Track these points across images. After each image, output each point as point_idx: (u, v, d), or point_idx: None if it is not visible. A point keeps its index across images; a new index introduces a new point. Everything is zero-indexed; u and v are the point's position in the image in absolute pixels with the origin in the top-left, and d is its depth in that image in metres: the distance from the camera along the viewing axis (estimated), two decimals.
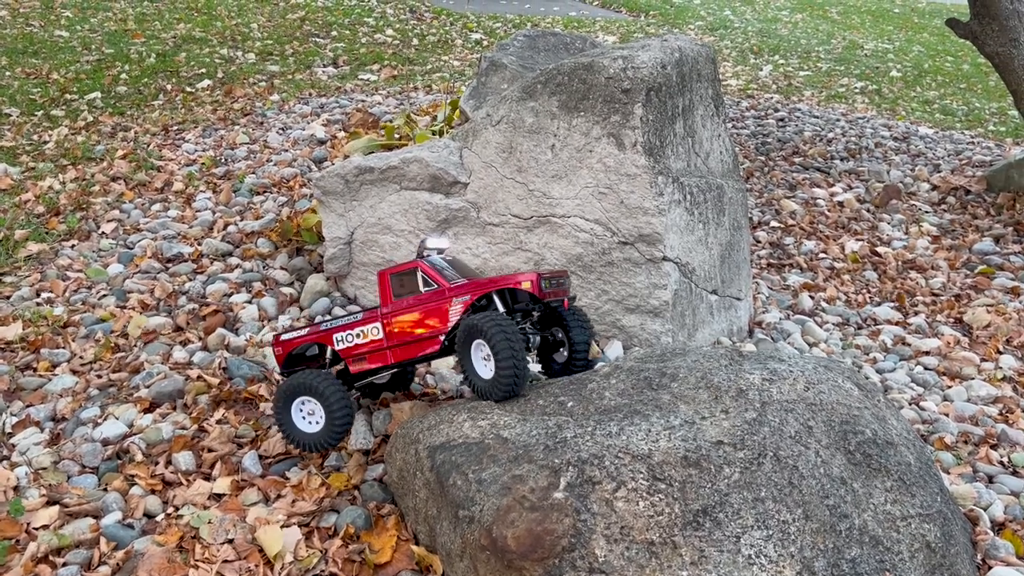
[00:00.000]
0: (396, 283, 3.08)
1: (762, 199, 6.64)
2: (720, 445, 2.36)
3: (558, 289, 3.02)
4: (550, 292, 2.94)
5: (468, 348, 2.85)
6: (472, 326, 2.79)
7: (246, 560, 2.81)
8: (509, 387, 2.80)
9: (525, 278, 2.85)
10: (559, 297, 3.03)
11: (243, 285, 4.45)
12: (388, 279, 3.10)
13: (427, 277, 3.02)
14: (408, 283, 3.06)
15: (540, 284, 2.87)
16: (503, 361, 2.74)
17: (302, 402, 3.10)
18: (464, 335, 2.84)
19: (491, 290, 2.90)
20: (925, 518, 2.32)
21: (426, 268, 3.03)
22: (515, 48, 6.10)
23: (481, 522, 2.39)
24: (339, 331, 3.14)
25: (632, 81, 3.82)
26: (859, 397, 2.63)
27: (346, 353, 3.14)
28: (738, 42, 12.79)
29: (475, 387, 2.90)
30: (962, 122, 9.53)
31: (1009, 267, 5.75)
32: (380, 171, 4.21)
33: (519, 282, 2.86)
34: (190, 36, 9.55)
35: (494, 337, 2.73)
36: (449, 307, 2.94)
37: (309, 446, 3.11)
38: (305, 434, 3.11)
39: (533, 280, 2.85)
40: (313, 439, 3.10)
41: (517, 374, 2.76)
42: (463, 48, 10.32)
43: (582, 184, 3.93)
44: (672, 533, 2.19)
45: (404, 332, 3.03)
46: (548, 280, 2.93)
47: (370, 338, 3.09)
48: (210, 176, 5.78)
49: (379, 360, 3.11)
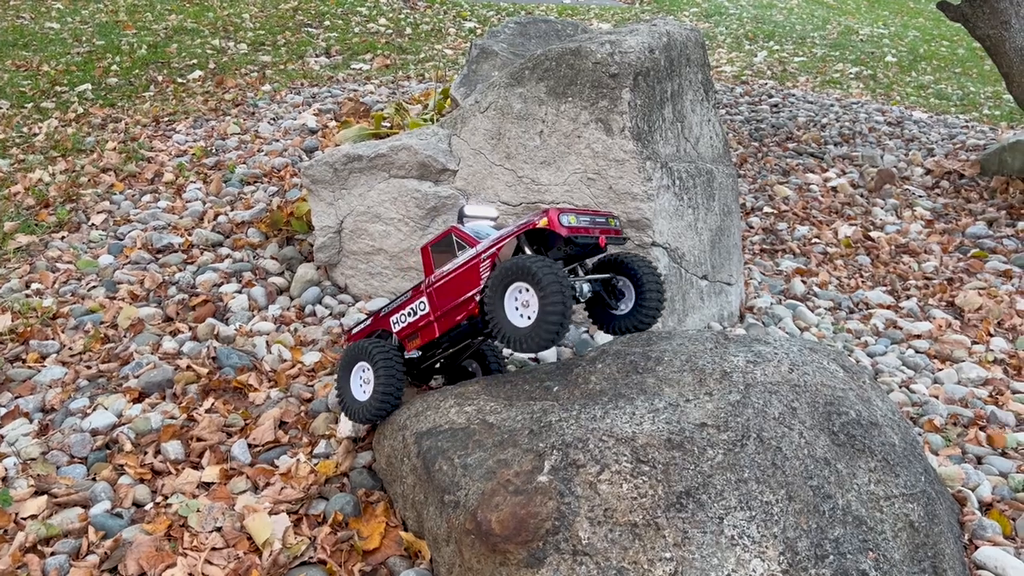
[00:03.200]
0: (436, 254, 2.96)
1: (756, 185, 6.62)
2: (704, 427, 2.35)
3: (591, 226, 2.71)
4: (577, 229, 2.64)
5: (501, 293, 2.61)
6: (510, 267, 2.56)
7: (234, 548, 2.82)
8: (554, 334, 2.51)
9: (542, 216, 2.59)
10: (591, 235, 2.70)
11: (233, 275, 4.44)
12: (429, 252, 2.99)
13: (460, 240, 2.89)
14: (446, 251, 2.94)
15: (559, 220, 2.57)
16: (550, 304, 2.46)
17: (361, 368, 3.05)
18: (499, 279, 2.60)
19: (514, 236, 2.68)
20: (909, 498, 2.33)
21: (459, 231, 2.90)
22: (506, 35, 6.07)
23: (466, 506, 2.39)
24: (394, 314, 3.07)
25: (620, 66, 3.81)
26: (844, 378, 2.62)
27: (402, 334, 3.06)
28: (733, 28, 12.74)
29: (506, 336, 2.63)
30: (957, 106, 9.51)
31: (1002, 250, 5.75)
32: (369, 159, 4.20)
33: (534, 224, 2.61)
34: (182, 27, 9.51)
35: (538, 275, 2.47)
36: (480, 264, 2.79)
37: (357, 414, 3.04)
38: (357, 402, 3.05)
39: (551, 216, 2.56)
40: (361, 407, 3.03)
41: (564, 319, 2.49)
42: (456, 36, 10.28)
43: (570, 170, 3.92)
44: (655, 515, 2.19)
45: (445, 300, 2.90)
46: (574, 215, 2.64)
47: (419, 314, 2.99)
48: (201, 167, 5.76)
49: (428, 334, 2.99)
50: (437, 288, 2.93)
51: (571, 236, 2.61)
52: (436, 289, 2.93)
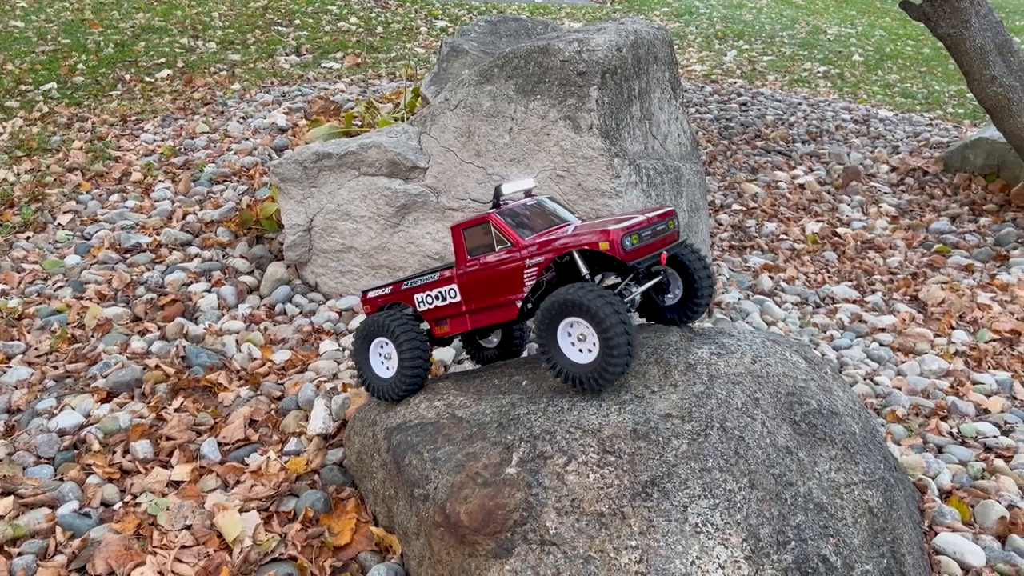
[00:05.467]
0: (470, 239, 2.72)
1: (725, 183, 6.70)
2: (669, 418, 2.39)
3: (654, 241, 2.52)
4: (639, 251, 2.44)
5: (554, 328, 2.42)
6: (563, 302, 2.36)
7: (204, 545, 2.81)
8: (620, 372, 2.37)
9: (603, 237, 2.39)
10: (654, 252, 2.50)
11: (202, 274, 4.42)
12: (461, 235, 2.74)
13: (500, 233, 2.65)
14: (482, 239, 2.69)
15: (622, 244, 2.38)
16: (614, 343, 2.30)
17: (380, 344, 2.91)
18: (551, 313, 2.41)
19: (569, 250, 2.49)
20: (868, 485, 2.38)
21: (498, 222, 2.65)
22: (476, 34, 6.09)
23: (435, 499, 2.41)
24: (419, 291, 2.87)
25: (587, 64, 3.84)
26: (806, 369, 2.68)
27: (428, 316, 2.88)
28: (703, 28, 12.85)
29: (565, 374, 2.45)
30: (922, 105, 9.67)
31: (964, 245, 5.87)
32: (338, 157, 4.20)
33: (596, 244, 2.40)
34: (149, 25, 9.41)
35: (598, 313, 2.29)
36: (524, 270, 2.58)
37: (384, 392, 2.91)
38: (381, 379, 2.92)
39: (612, 240, 2.37)
40: (388, 385, 2.90)
41: (630, 356, 2.35)
42: (428, 35, 10.27)
43: (540, 167, 3.95)
44: (621, 504, 2.22)
45: (480, 295, 2.71)
46: (637, 234, 2.43)
47: (448, 300, 2.79)
48: (169, 166, 5.72)
49: (459, 325, 2.82)
50: (471, 280, 2.71)
51: (634, 263, 2.46)
52: (470, 280, 2.72)
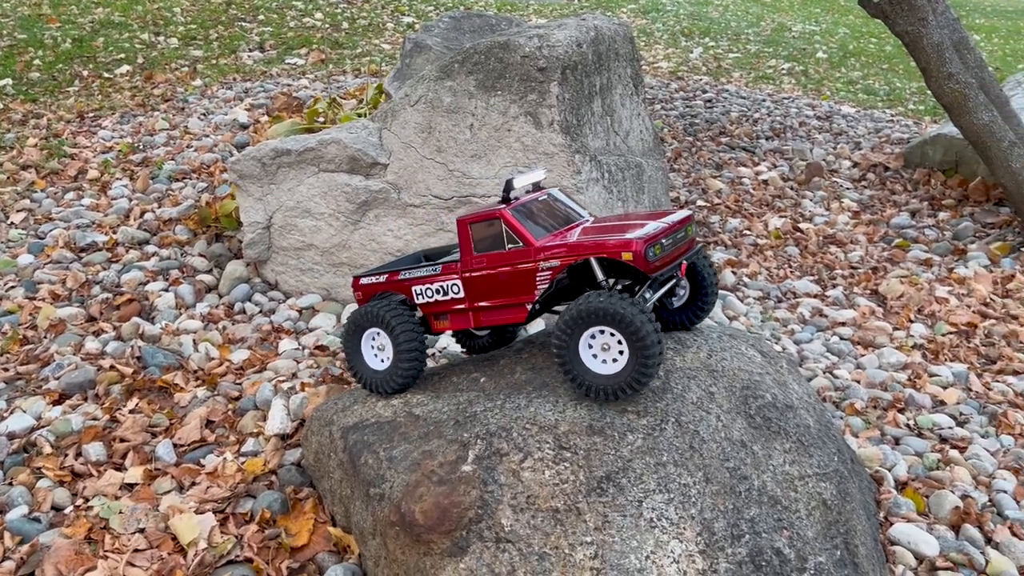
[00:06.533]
0: (477, 234, 2.60)
1: (689, 179, 6.73)
2: (624, 413, 2.39)
3: (675, 250, 2.48)
4: (662, 262, 2.41)
5: (577, 336, 2.33)
6: (595, 311, 2.27)
7: (158, 549, 2.76)
8: (648, 383, 2.33)
9: (626, 247, 2.32)
10: (675, 261, 2.46)
11: (160, 273, 4.35)
12: (468, 229, 2.62)
13: (511, 231, 2.55)
14: (491, 236, 2.58)
15: (646, 255, 2.32)
16: (648, 355, 2.24)
17: (372, 335, 2.82)
18: (578, 321, 2.32)
19: (586, 256, 2.41)
20: (822, 477, 2.40)
21: (510, 220, 2.54)
22: (440, 30, 6.06)
23: (391, 499, 2.39)
24: (418, 283, 2.75)
25: (548, 59, 3.83)
26: (761, 363, 2.69)
27: (427, 309, 2.77)
28: (670, 25, 12.91)
29: (587, 385, 2.37)
30: (884, 101, 9.80)
31: (923, 240, 5.95)
32: (298, 153, 4.15)
33: (618, 253, 2.33)
34: (109, 21, 9.24)
35: (634, 324, 2.22)
36: (536, 272, 2.49)
37: (379, 385, 2.82)
38: (375, 372, 2.83)
39: (636, 250, 2.30)
40: (383, 378, 2.81)
41: (659, 367, 2.31)
42: (394, 31, 10.20)
43: (501, 163, 3.93)
44: (576, 500, 2.22)
45: (486, 295, 2.61)
46: (660, 244, 2.38)
47: (450, 296, 2.69)
48: (127, 163, 5.62)
49: (462, 322, 2.72)
50: (478, 278, 2.62)
51: (657, 275, 2.41)
52: (476, 278, 2.62)
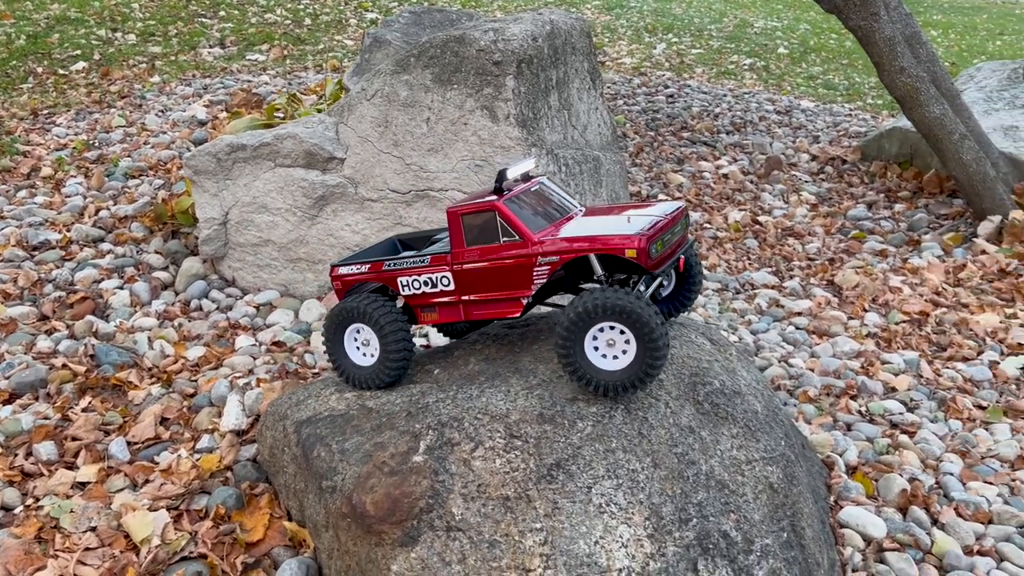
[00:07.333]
0: (469, 226, 2.55)
1: (651, 173, 6.79)
2: (575, 401, 2.42)
3: (675, 247, 2.48)
4: (663, 258, 2.40)
5: (584, 333, 2.31)
6: (605, 307, 2.26)
7: (110, 547, 2.74)
8: (653, 379, 2.33)
9: (629, 244, 2.31)
10: (673, 257, 2.47)
11: (115, 271, 4.30)
12: (459, 220, 2.56)
13: (507, 224, 2.50)
14: (485, 228, 2.53)
15: (650, 252, 2.32)
16: (657, 351, 2.25)
17: (356, 330, 2.75)
18: (583, 317, 2.29)
19: (588, 253, 2.39)
20: (769, 461, 2.44)
21: (506, 213, 2.49)
22: (400, 25, 6.04)
23: (342, 491, 2.39)
24: (404, 274, 2.68)
25: (503, 53, 3.84)
26: (710, 351, 2.73)
27: (413, 301, 2.71)
28: (634, 21, 12.99)
29: (591, 380, 2.35)
30: (843, 96, 9.95)
31: (879, 231, 6.06)
32: (253, 148, 4.12)
33: (621, 249, 2.32)
34: (64, 17, 9.09)
35: (644, 319, 2.22)
36: (534, 266, 2.45)
37: (365, 381, 2.76)
38: (360, 368, 2.77)
39: (640, 247, 2.30)
40: (369, 373, 2.75)
41: (664, 364, 2.32)
42: (358, 27, 10.14)
43: (458, 157, 3.94)
44: (527, 488, 2.24)
45: (478, 288, 2.57)
46: (661, 240, 2.38)
47: (440, 288, 2.63)
48: (82, 161, 5.53)
49: (451, 315, 2.66)
50: (470, 271, 2.56)
51: (658, 272, 2.41)
52: (468, 271, 2.57)
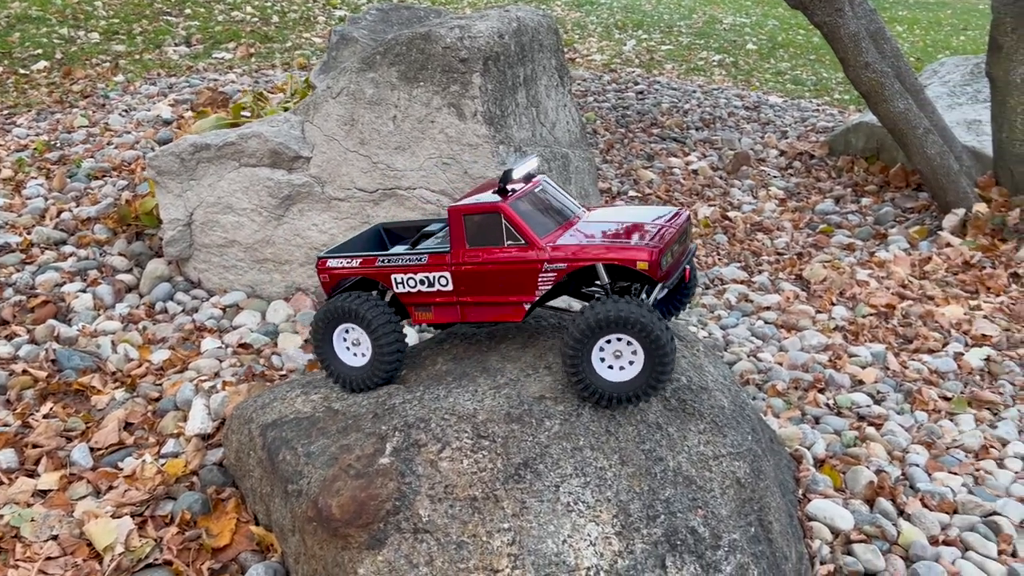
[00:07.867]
0: (472, 227, 2.49)
1: (621, 170, 6.80)
2: (542, 400, 2.41)
3: (682, 253, 2.49)
4: (672, 269, 2.38)
5: (592, 344, 2.31)
6: (617, 319, 2.25)
7: (72, 555, 2.69)
8: (660, 390, 2.35)
9: (641, 256, 2.28)
10: (680, 268, 2.48)
11: (77, 274, 4.22)
12: (461, 220, 2.50)
13: (512, 227, 2.45)
14: (488, 229, 2.47)
15: (661, 263, 2.29)
16: (665, 363, 2.27)
17: (346, 330, 2.69)
18: (593, 329, 2.28)
19: (595, 263, 2.37)
20: (736, 456, 2.45)
21: (512, 216, 2.44)
22: (367, 22, 5.98)
23: (308, 494, 2.37)
24: (400, 272, 2.61)
25: (469, 51, 3.82)
26: (677, 347, 2.73)
27: (408, 300, 2.66)
28: (604, 18, 13.01)
29: (595, 391, 2.35)
30: (811, 91, 10.04)
31: (847, 225, 6.12)
32: (217, 148, 4.06)
33: (633, 262, 2.29)
34: (25, 15, 8.91)
35: (655, 331, 2.22)
36: (539, 273, 2.42)
37: (356, 382, 2.71)
38: (351, 368, 2.71)
39: (652, 260, 2.27)
40: (361, 374, 2.69)
41: (672, 374, 2.32)
42: (326, 25, 10.06)
43: (425, 155, 3.92)
44: (495, 487, 2.23)
45: (479, 290, 2.52)
46: (671, 251, 2.36)
47: (437, 288, 2.58)
48: (43, 162, 5.43)
49: (448, 315, 2.61)
50: (471, 272, 2.51)
51: (666, 283, 2.39)
52: (469, 273, 2.51)
